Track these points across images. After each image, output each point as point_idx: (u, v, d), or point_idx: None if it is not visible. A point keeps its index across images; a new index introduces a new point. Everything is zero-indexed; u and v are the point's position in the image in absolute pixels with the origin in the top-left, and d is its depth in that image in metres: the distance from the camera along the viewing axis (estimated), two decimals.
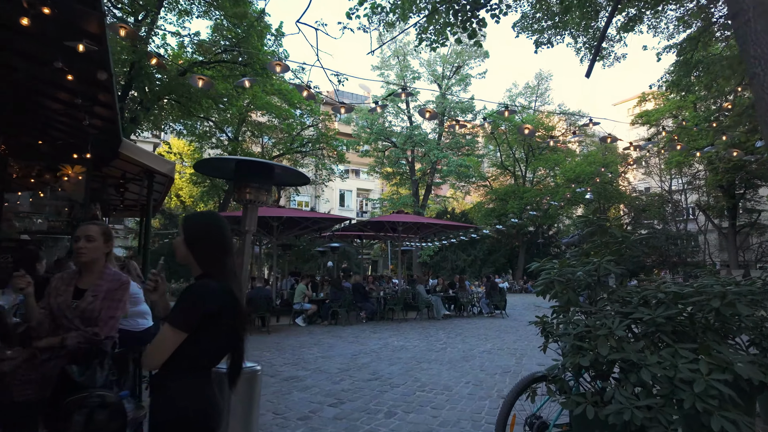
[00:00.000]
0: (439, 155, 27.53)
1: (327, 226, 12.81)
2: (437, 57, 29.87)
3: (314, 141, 25.36)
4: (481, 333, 10.12)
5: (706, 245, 32.17)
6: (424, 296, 12.55)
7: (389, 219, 12.69)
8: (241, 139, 25.14)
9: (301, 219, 12.01)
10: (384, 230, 13.25)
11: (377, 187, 43.51)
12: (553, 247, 38.23)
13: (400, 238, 13.38)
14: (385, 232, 13.44)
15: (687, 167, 28.87)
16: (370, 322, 12.06)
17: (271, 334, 9.78)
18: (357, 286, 12.04)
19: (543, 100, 33.85)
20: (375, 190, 43.03)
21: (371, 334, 9.75)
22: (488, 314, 13.57)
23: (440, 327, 11.15)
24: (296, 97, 24.34)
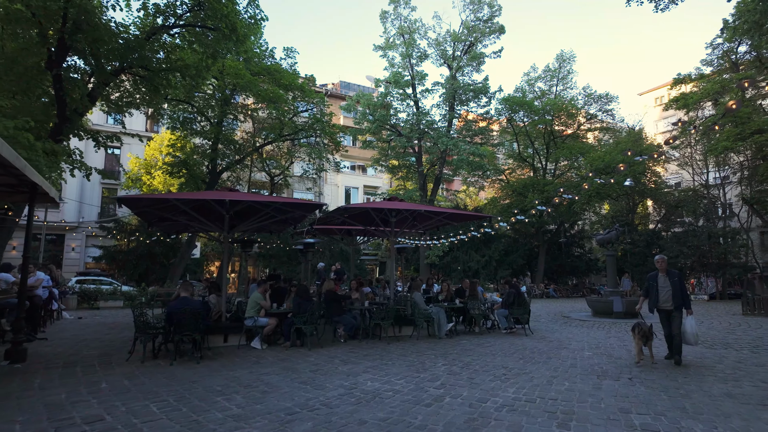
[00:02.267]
0: (449, 143, 24.46)
1: (299, 216, 9.92)
2: (447, 35, 26.83)
3: (307, 128, 22.57)
4: (497, 363, 7.12)
5: (749, 245, 28.45)
6: (421, 307, 9.58)
7: (377, 206, 9.74)
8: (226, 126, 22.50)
9: (260, 205, 9.16)
10: (372, 222, 10.32)
11: (385, 184, 40.68)
12: (577, 247, 34.85)
13: (393, 232, 10.43)
14: (374, 225, 10.53)
15: (736, 153, 25.20)
16: (351, 342, 9.14)
17: (200, 364, 6.94)
18: (330, 294, 9.12)
19: (565, 84, 30.54)
20: (383, 187, 40.18)
21: (339, 367, 6.82)
22: (506, 330, 10.54)
23: (441, 352, 8.16)
24: (287, 78, 21.68)
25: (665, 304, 6.98)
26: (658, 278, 7.09)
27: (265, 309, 8.58)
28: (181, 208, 8.85)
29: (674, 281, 6.92)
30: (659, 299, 7.02)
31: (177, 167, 20.11)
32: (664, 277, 7.04)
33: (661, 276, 7.08)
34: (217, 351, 8.15)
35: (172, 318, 6.98)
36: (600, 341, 9.49)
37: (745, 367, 6.91)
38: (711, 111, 28.10)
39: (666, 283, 7.00)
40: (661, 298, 7.01)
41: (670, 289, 6.92)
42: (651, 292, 7.13)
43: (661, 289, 7.01)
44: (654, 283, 7.08)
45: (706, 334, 10.61)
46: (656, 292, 7.04)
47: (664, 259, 7.19)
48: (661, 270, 7.10)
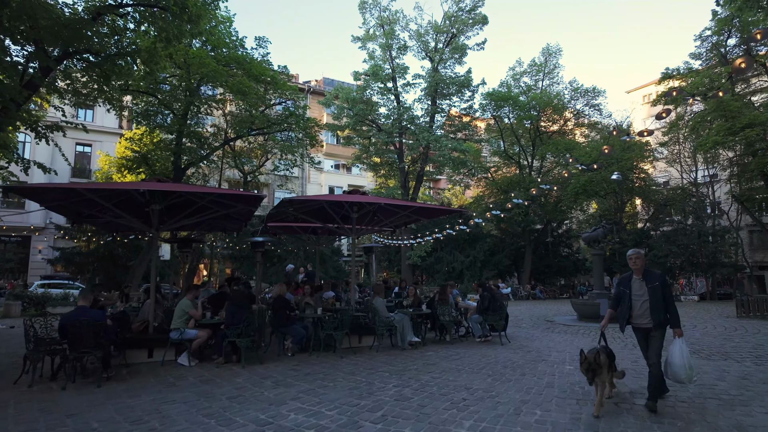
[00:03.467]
0: (430, 138, 23.33)
1: (246, 212, 8.69)
2: (429, 27, 25.73)
3: (280, 121, 21.29)
4: (460, 383, 5.97)
5: (739, 243, 27.73)
6: (382, 315, 8.40)
7: (332, 199, 8.54)
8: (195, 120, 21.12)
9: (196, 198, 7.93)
10: (328, 219, 9.12)
11: (370, 183, 39.54)
12: (564, 246, 33.96)
13: (355, 229, 9.23)
14: (333, 222, 9.33)
15: (725, 150, 24.42)
16: (300, 355, 7.95)
17: (101, 388, 5.70)
18: (278, 301, 7.91)
19: (551, 78, 29.61)
20: (368, 186, 38.98)
21: (266, 392, 5.62)
22: (480, 338, 9.40)
23: (399, 368, 6.99)
24: (257, 68, 20.42)
25: (641, 320, 4.86)
26: (631, 283, 4.97)
27: (195, 319, 7.35)
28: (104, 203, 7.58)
29: (654, 287, 4.78)
30: (633, 313, 4.91)
31: (135, 163, 18.71)
32: (640, 281, 4.91)
33: (636, 280, 4.95)
34: (136, 369, 6.91)
35: (66, 332, 5.73)
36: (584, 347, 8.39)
37: (751, 385, 5.83)
38: (700, 106, 27.38)
39: (642, 289, 4.87)
40: (635, 311, 4.89)
41: (647, 298, 4.80)
42: (622, 303, 4.99)
43: (636, 298, 4.89)
44: (626, 290, 4.97)
45: (701, 341, 9.58)
46: (629, 302, 4.91)
47: (639, 254, 4.98)
48: (637, 271, 4.97)
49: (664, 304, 4.76)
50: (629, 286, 4.97)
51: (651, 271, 4.94)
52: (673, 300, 4.84)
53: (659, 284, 4.79)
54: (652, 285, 4.81)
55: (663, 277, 4.90)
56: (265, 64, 20.97)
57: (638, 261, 4.96)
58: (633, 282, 4.97)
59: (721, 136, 21.88)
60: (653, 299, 4.76)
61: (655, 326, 4.78)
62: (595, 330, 11.56)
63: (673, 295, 5.66)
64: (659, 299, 4.75)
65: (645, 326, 4.86)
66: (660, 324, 4.76)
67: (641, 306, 4.85)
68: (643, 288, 4.86)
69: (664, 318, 4.75)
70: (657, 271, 5.00)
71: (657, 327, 4.78)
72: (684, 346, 4.74)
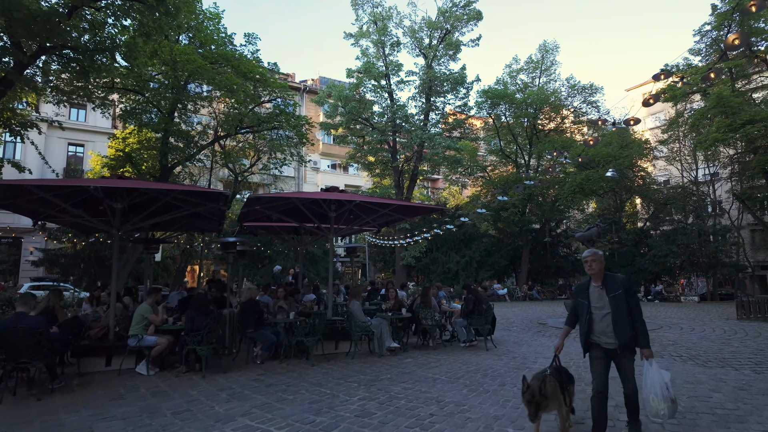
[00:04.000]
0: (424, 136, 22.85)
1: (216, 210, 8.21)
2: (423, 23, 25.25)
3: (269, 119, 20.82)
4: (432, 395, 5.49)
5: (741, 242, 27.18)
6: (359, 319, 7.92)
7: (306, 196, 8.07)
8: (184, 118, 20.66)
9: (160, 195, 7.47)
10: (305, 218, 8.63)
11: (366, 183, 39.10)
12: (563, 246, 33.43)
13: (333, 229, 8.76)
14: (307, 221, 8.85)
15: (725, 147, 23.90)
16: (270, 363, 7.48)
17: (41, 401, 5.25)
18: (246, 305, 7.44)
19: (549, 75, 29.07)
20: (365, 186, 38.52)
21: (218, 406, 5.15)
22: (465, 343, 8.91)
23: (371, 377, 6.52)
24: (246, 65, 19.97)
25: (603, 338, 3.86)
26: (589, 292, 3.98)
27: (155, 324, 6.89)
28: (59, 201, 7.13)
29: (615, 297, 3.79)
30: (592, 329, 3.91)
31: (119, 162, 18.28)
32: (600, 290, 3.90)
33: (594, 288, 3.95)
34: (90, 379, 6.45)
35: (1, 341, 5.27)
36: (572, 357, 7.91)
37: (749, 397, 5.34)
38: (700, 103, 26.87)
39: (602, 299, 3.87)
40: (595, 327, 3.89)
41: (608, 311, 3.81)
42: (580, 318, 4.03)
43: (595, 310, 3.91)
44: (584, 302, 3.99)
45: (698, 346, 9.09)
46: (587, 316, 3.92)
47: (597, 256, 3.95)
48: (595, 277, 3.95)
49: (630, 317, 3.76)
50: (587, 297, 3.96)
51: (612, 277, 3.90)
52: (640, 312, 3.81)
53: (622, 292, 3.77)
54: (613, 294, 3.79)
55: (628, 283, 3.86)
56: (256, 62, 20.56)
57: (595, 264, 3.90)
58: (591, 291, 3.96)
59: (721, 133, 21.38)
60: (616, 312, 3.76)
61: (622, 346, 3.73)
62: None
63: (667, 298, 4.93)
64: (623, 312, 3.74)
65: (608, 346, 3.84)
66: (628, 344, 3.74)
67: (602, 320, 3.85)
68: (604, 298, 3.86)
69: (631, 335, 3.73)
70: (620, 275, 3.95)
71: (624, 348, 3.74)
72: (662, 373, 3.71)
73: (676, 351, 8.53)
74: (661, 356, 7.98)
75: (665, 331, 11.66)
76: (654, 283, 27.69)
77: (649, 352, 3.73)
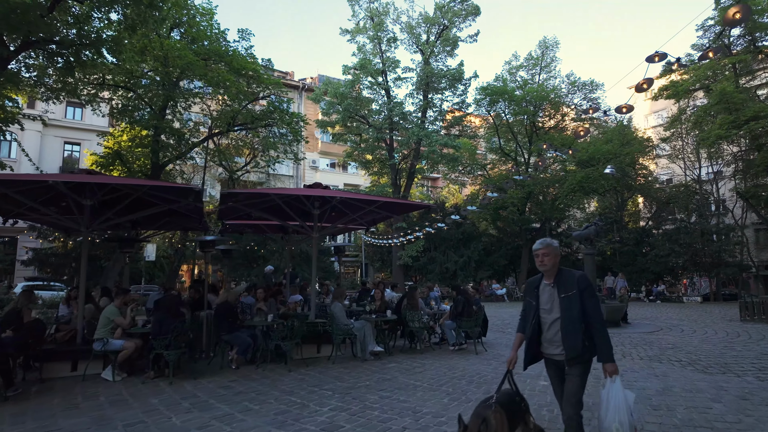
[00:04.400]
0: (420, 133, 22.46)
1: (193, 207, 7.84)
2: (420, 18, 24.84)
3: (264, 116, 20.47)
4: (409, 405, 5.10)
5: (745, 242, 26.67)
6: (340, 322, 7.53)
7: (286, 192, 7.68)
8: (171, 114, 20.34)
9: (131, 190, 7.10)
10: (288, 216, 8.24)
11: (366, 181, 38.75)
12: (564, 246, 32.97)
13: (317, 227, 8.38)
14: (290, 219, 8.46)
15: (729, 144, 23.43)
16: (246, 368, 7.11)
17: None
18: (221, 307, 7.08)
19: (548, 72, 28.63)
20: (364, 185, 38.15)
21: (177, 417, 4.78)
22: (455, 347, 8.52)
23: (349, 384, 6.14)
24: (238, 61, 19.64)
25: (552, 347, 3.16)
26: (539, 291, 3.26)
27: (123, 327, 6.53)
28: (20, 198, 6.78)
29: (568, 297, 3.07)
30: (542, 335, 3.22)
31: (108, 159, 17.97)
32: (551, 289, 3.19)
33: (545, 286, 3.24)
34: (51, 385, 6.10)
35: None
36: None
37: (752, 407, 4.94)
38: (703, 101, 26.38)
39: (552, 300, 3.16)
40: (544, 333, 3.20)
41: (559, 315, 3.10)
42: (526, 322, 3.33)
43: (544, 313, 3.20)
44: (532, 302, 3.28)
45: (699, 350, 8.67)
46: (535, 319, 3.22)
47: (550, 248, 3.21)
48: (547, 273, 3.24)
49: (586, 323, 2.99)
50: (536, 296, 3.24)
51: (568, 274, 3.15)
52: (600, 318, 3.01)
53: (577, 292, 3.03)
54: (566, 294, 3.05)
55: (584, 281, 3.09)
56: (249, 58, 20.24)
57: (547, 259, 3.15)
58: (541, 289, 3.24)
59: (724, 130, 20.90)
60: (566, 316, 3.01)
61: (569, 359, 3.00)
62: None
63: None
64: (574, 316, 2.99)
65: (557, 357, 3.12)
66: (577, 356, 2.97)
67: (551, 326, 3.12)
68: (554, 299, 3.12)
69: (582, 346, 2.96)
70: (577, 272, 3.19)
71: (572, 360, 2.99)
72: (627, 394, 2.98)
73: (675, 355, 8.12)
74: (660, 361, 7.57)
75: (665, 333, 11.24)
76: (656, 283, 27.21)
77: (612, 368, 2.97)
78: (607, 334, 3.02)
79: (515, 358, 3.26)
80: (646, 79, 5.03)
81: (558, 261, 3.23)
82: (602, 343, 2.99)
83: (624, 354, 8.26)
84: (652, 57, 4.91)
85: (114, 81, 17.82)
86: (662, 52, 4.83)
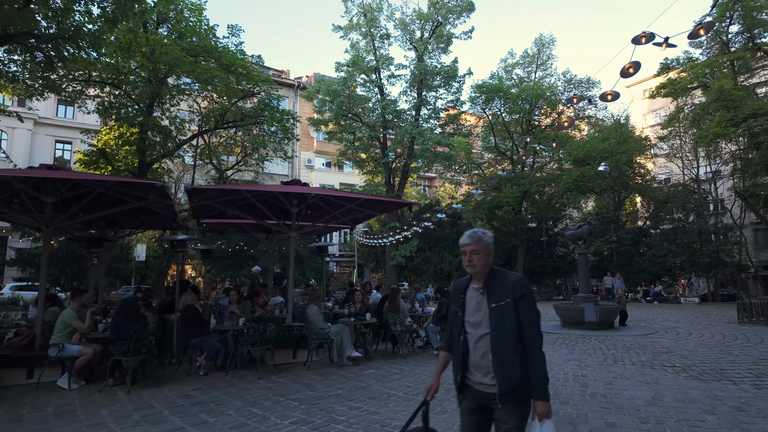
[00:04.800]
0: (414, 131, 22.08)
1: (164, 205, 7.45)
2: (414, 15, 24.45)
3: (254, 113, 20.10)
4: (379, 417, 4.72)
5: (743, 242, 26.32)
6: (316, 326, 7.15)
7: (259, 189, 7.30)
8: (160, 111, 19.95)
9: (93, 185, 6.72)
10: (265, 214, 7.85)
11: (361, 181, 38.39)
12: (560, 246, 32.64)
13: (296, 226, 8.00)
14: (265, 218, 8.07)
15: (727, 142, 23.08)
16: (215, 374, 6.73)
17: None
18: (187, 311, 6.69)
19: (545, 69, 28.26)
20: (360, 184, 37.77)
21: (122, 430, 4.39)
22: (438, 351, 8.14)
23: (315, 395, 5.75)
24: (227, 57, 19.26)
25: (478, 374, 2.31)
26: (466, 296, 2.42)
27: (81, 332, 6.15)
28: None
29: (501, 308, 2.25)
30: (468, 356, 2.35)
31: (91, 157, 17.58)
32: (480, 295, 2.34)
33: (473, 291, 2.39)
34: (3, 394, 5.71)
35: None
36: (553, 367, 7.15)
37: (748, 420, 4.56)
38: (701, 98, 26.02)
39: (480, 310, 2.32)
40: (471, 354, 2.34)
41: (487, 331, 2.28)
42: (452, 337, 2.50)
43: (470, 327, 2.36)
44: (457, 311, 2.44)
45: (694, 354, 8.29)
46: (462, 336, 2.38)
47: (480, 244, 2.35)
48: (476, 276, 2.40)
49: (519, 343, 2.20)
50: (462, 305, 2.41)
51: (501, 275, 2.35)
52: (538, 337, 2.24)
53: (511, 301, 2.23)
54: (498, 304, 2.25)
55: (522, 287, 2.27)
56: (240, 54, 19.89)
57: (476, 257, 2.33)
58: (469, 296, 2.40)
59: (722, 128, 20.52)
60: (498, 333, 2.23)
61: (503, 394, 2.19)
62: (576, 338, 10.29)
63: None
64: (507, 334, 2.21)
65: (485, 389, 2.27)
66: (514, 391, 2.18)
67: (478, 345, 2.30)
68: (483, 308, 2.30)
69: (520, 376, 2.17)
70: (514, 274, 2.38)
71: (506, 396, 2.19)
72: None
73: (669, 360, 7.75)
74: (652, 366, 7.20)
75: (660, 336, 10.87)
76: (653, 284, 26.86)
77: (544, 408, 2.13)
78: (544, 363, 2.21)
79: (436, 386, 2.44)
80: (633, 63, 4.66)
81: (491, 260, 2.37)
82: (537, 374, 2.17)
83: (615, 359, 7.88)
84: (638, 38, 4.53)
85: (101, 78, 17.46)
86: (649, 32, 4.46)
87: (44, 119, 33.40)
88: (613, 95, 5.81)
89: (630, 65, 4.65)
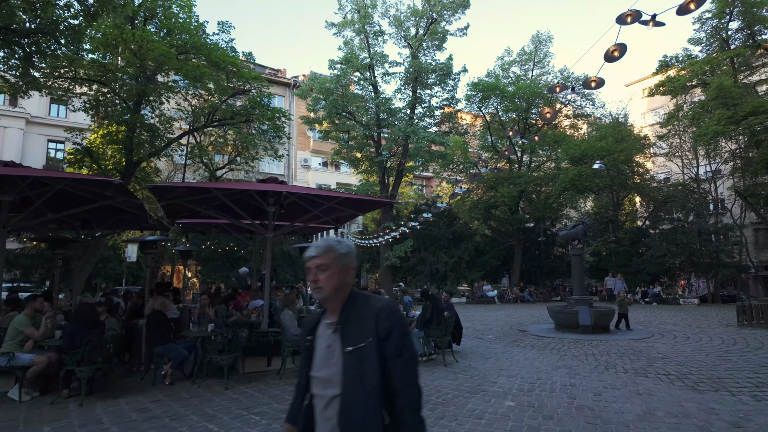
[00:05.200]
0: (408, 130, 21.70)
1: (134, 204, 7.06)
2: (409, 12, 24.06)
3: (244, 111, 19.72)
4: None
5: (743, 242, 25.90)
6: (290, 332, 6.76)
7: (230, 188, 6.91)
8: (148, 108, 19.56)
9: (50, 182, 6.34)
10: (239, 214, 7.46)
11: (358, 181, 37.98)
12: (557, 246, 32.21)
13: (272, 226, 7.61)
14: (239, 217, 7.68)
15: (727, 140, 22.67)
16: (180, 384, 6.34)
17: None
18: (152, 317, 6.31)
19: (542, 67, 27.88)
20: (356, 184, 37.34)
21: None
22: (422, 358, 7.75)
23: (282, 408, 5.32)
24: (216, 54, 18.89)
25: None
26: (316, 336, 1.69)
27: (35, 339, 5.76)
28: None
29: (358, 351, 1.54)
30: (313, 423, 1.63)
31: (76, 156, 17.21)
32: (332, 334, 1.62)
33: (325, 327, 1.66)
34: None
35: None
36: (541, 375, 6.76)
37: None
38: (701, 96, 25.61)
39: (332, 356, 1.60)
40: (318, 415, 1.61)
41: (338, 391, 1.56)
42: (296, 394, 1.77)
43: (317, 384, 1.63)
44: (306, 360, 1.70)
45: (691, 360, 7.90)
46: (303, 395, 1.71)
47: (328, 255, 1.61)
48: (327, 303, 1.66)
49: (386, 405, 1.54)
50: (310, 352, 1.68)
51: (363, 303, 1.63)
52: (414, 391, 1.57)
53: (374, 340, 1.54)
54: (354, 346, 1.55)
55: (390, 318, 1.57)
56: (230, 51, 19.52)
57: (323, 276, 1.60)
58: (319, 335, 1.67)
59: (722, 126, 20.13)
60: (352, 393, 1.53)
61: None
62: (569, 343, 9.89)
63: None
64: (368, 393, 1.51)
65: None
66: None
67: (327, 409, 1.57)
68: (335, 352, 1.59)
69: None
70: (383, 299, 1.68)
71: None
72: None
73: (664, 367, 7.35)
74: (646, 375, 6.81)
75: (656, 340, 10.46)
76: (652, 285, 26.45)
77: None
78: (422, 424, 1.56)
79: None
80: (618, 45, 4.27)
81: (348, 280, 1.65)
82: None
83: (608, 366, 7.49)
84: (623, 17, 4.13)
85: (88, 75, 17.10)
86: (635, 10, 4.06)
87: (36, 118, 32.98)
88: (597, 82, 5.44)
89: (615, 47, 4.24)
